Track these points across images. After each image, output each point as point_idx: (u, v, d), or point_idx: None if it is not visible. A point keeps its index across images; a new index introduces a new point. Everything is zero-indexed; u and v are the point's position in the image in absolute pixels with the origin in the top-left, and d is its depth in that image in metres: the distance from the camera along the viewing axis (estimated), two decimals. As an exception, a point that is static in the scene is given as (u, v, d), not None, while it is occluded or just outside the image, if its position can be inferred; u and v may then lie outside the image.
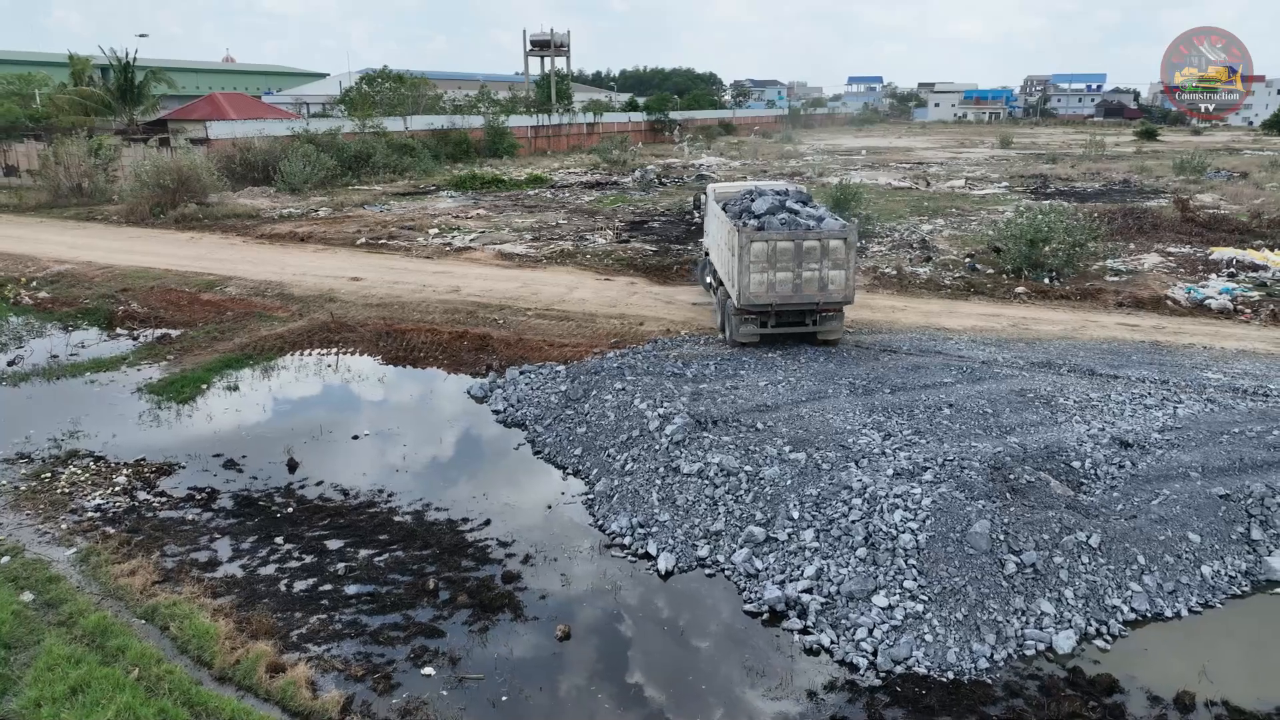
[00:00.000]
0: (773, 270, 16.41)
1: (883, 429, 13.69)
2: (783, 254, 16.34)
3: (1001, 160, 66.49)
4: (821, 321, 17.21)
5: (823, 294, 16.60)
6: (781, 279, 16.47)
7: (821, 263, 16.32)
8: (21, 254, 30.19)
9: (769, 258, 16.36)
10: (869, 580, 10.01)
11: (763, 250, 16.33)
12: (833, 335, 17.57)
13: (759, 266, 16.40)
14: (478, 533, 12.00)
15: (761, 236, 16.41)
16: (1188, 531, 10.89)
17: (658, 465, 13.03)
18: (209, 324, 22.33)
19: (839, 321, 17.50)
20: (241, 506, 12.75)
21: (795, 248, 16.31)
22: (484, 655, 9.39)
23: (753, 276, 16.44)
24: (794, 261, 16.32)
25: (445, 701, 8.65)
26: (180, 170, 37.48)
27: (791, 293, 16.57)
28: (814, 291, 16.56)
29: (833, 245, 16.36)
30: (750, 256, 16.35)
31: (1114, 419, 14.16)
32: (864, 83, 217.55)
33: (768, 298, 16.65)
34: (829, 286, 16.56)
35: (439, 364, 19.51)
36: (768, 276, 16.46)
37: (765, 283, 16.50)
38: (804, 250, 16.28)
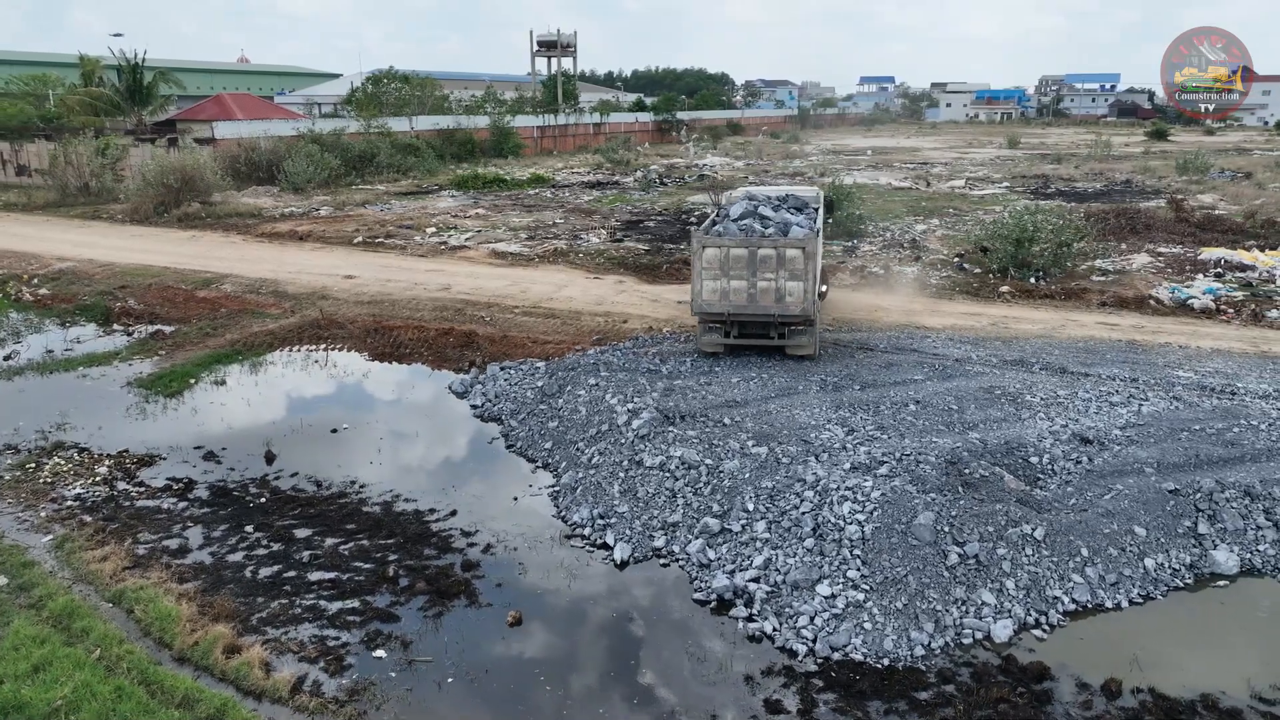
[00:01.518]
0: (726, 278, 15.75)
1: (847, 424, 13.91)
2: (736, 261, 15.64)
3: (1007, 160, 66.41)
4: (789, 335, 16.38)
5: (779, 306, 15.71)
6: (736, 287, 15.76)
7: (778, 273, 15.53)
8: (26, 252, 30.78)
9: (722, 264, 15.71)
10: (814, 570, 10.24)
11: (715, 256, 15.72)
12: (801, 351, 16.60)
13: (711, 273, 15.78)
14: (442, 523, 12.30)
15: (714, 242, 15.82)
16: (1134, 525, 11.07)
17: (622, 459, 13.29)
18: (202, 320, 22.75)
19: (809, 336, 16.47)
20: (216, 496, 13.10)
21: (750, 255, 15.55)
22: (436, 640, 9.68)
23: (705, 283, 15.83)
24: (748, 270, 15.60)
25: (393, 682, 8.95)
26: (183, 170, 38.02)
27: (746, 302, 15.78)
28: (770, 303, 15.71)
29: (790, 255, 15.47)
30: (703, 262, 15.80)
31: (1078, 416, 14.32)
32: (875, 83, 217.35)
33: (721, 306, 15.99)
34: (786, 299, 15.67)
35: (424, 360, 19.83)
36: (721, 284, 15.81)
37: (719, 290, 15.84)
38: (759, 259, 15.52)
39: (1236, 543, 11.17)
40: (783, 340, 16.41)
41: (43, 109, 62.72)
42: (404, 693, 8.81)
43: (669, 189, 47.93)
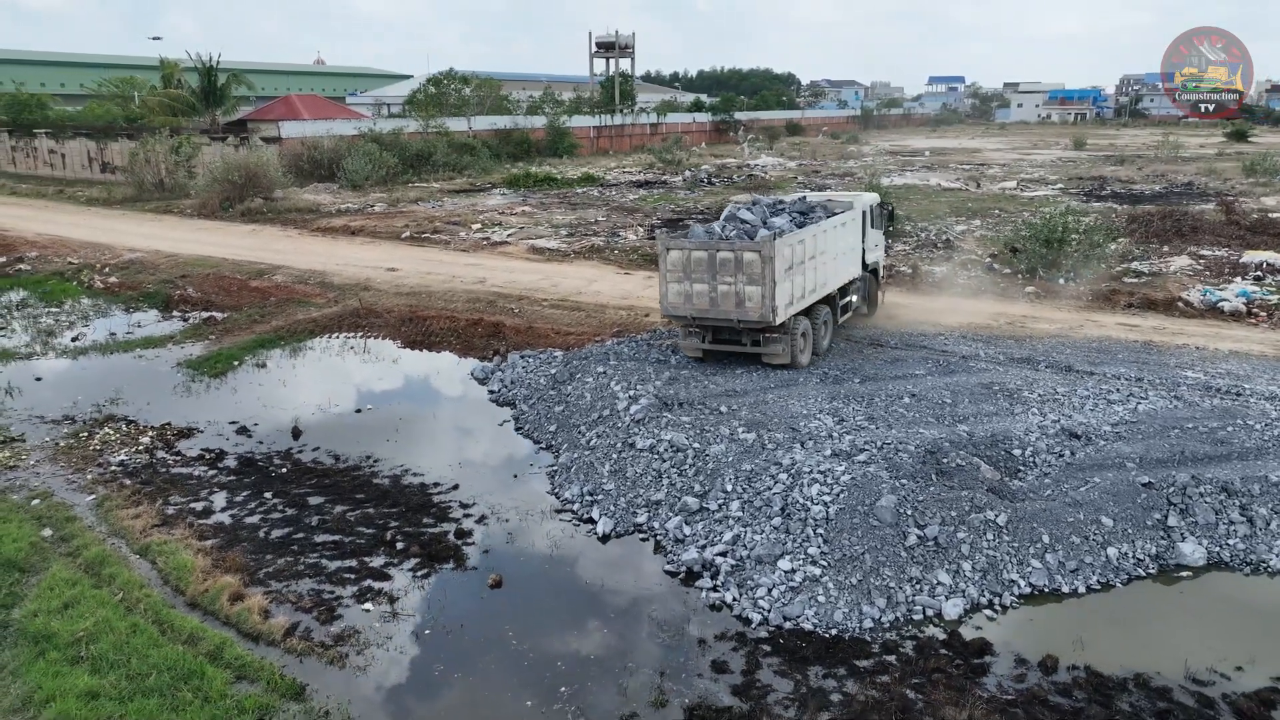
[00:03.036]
0: (689, 281, 15.72)
1: (838, 415, 14.36)
2: (698, 264, 15.55)
3: (1068, 162, 65.05)
4: (764, 344, 16.05)
5: (739, 311, 15.41)
6: (698, 290, 15.67)
7: (736, 277, 15.27)
8: (101, 243, 32.90)
9: (685, 267, 15.68)
10: (778, 546, 10.79)
11: (679, 260, 15.71)
12: (776, 360, 16.15)
13: (676, 276, 15.82)
14: (444, 495, 13.18)
15: (677, 244, 15.88)
16: (1101, 515, 11.33)
17: (616, 441, 14.00)
18: (252, 308, 24.18)
19: (783, 345, 16.00)
20: (243, 466, 14.23)
21: (709, 259, 15.40)
22: (421, 597, 10.53)
23: (670, 286, 15.93)
24: (708, 273, 15.46)
25: (376, 632, 9.82)
26: (248, 167, 40.00)
27: (709, 306, 15.66)
28: (731, 307, 15.47)
29: (747, 259, 15.12)
30: (667, 265, 15.89)
31: (1072, 412, 14.50)
32: (945, 83, 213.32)
33: (685, 309, 15.97)
34: (745, 303, 15.32)
35: (452, 348, 20.82)
36: (684, 287, 15.79)
37: (682, 293, 15.83)
38: (718, 262, 15.33)
39: (1206, 536, 11.34)
40: (757, 348, 16.16)
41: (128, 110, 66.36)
42: (384, 640, 9.67)
43: (715, 189, 48.40)
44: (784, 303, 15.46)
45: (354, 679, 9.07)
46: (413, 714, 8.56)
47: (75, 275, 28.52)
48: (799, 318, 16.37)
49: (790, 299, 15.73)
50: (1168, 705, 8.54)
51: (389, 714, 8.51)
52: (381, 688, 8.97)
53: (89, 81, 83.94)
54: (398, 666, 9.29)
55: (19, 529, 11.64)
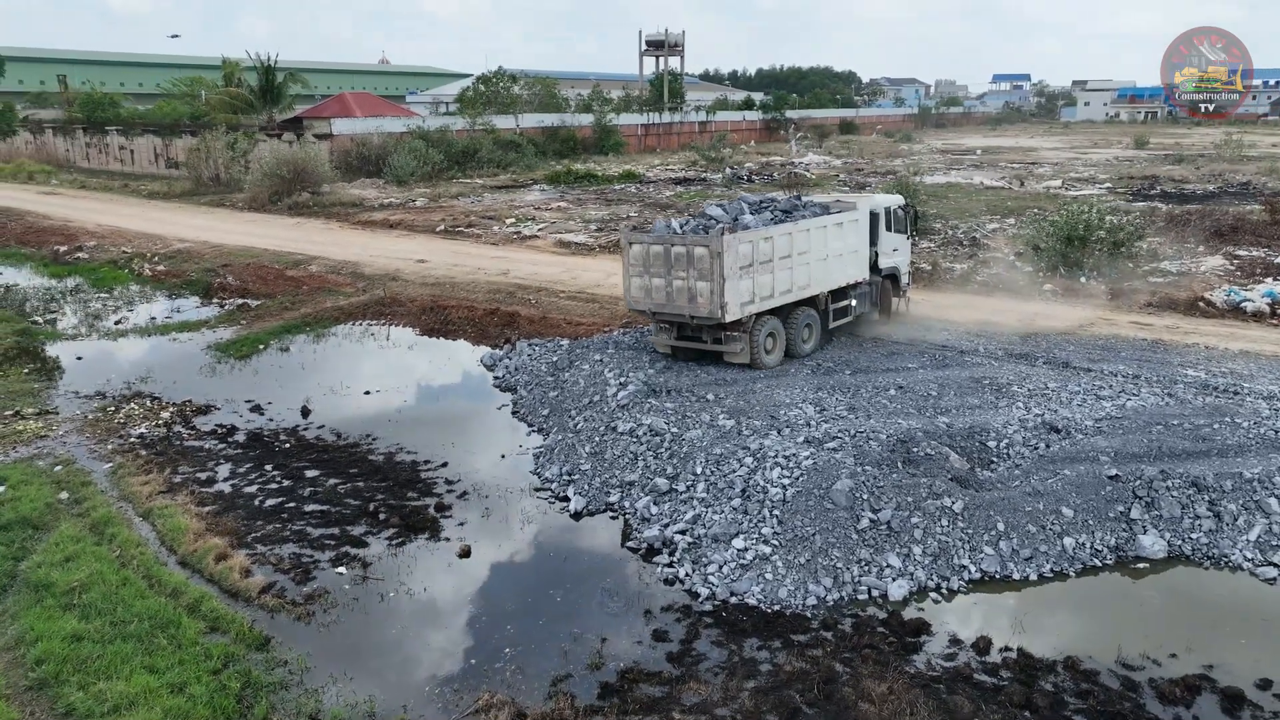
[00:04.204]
0: (648, 275, 15.87)
1: (820, 405, 14.61)
2: (656, 258, 15.69)
3: (1125, 161, 63.43)
4: (725, 341, 15.93)
5: (691, 306, 15.43)
6: (656, 285, 15.78)
7: (689, 271, 15.29)
8: (154, 233, 34.57)
9: (644, 262, 15.84)
10: (734, 525, 11.14)
11: (640, 254, 15.89)
12: (736, 359, 16.07)
13: (637, 270, 16.00)
14: (432, 472, 13.82)
15: (638, 239, 16.07)
16: (1062, 506, 11.41)
17: (600, 425, 14.47)
18: (285, 296, 25.27)
19: (741, 344, 15.88)
20: (250, 441, 15.08)
21: (665, 253, 15.52)
22: (393, 564, 11.15)
23: (633, 280, 16.13)
24: (665, 268, 15.58)
25: (345, 593, 10.47)
26: (296, 162, 41.47)
27: (665, 300, 15.77)
28: (684, 303, 15.51)
29: (697, 254, 15.11)
30: (630, 259, 16.10)
31: (1058, 407, 14.51)
32: (1009, 80, 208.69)
33: (645, 303, 16.13)
34: (697, 299, 15.30)
35: (467, 336, 21.54)
36: (644, 281, 15.95)
37: (643, 287, 15.99)
38: (673, 256, 15.41)
39: (1169, 530, 11.34)
40: (718, 346, 16.06)
41: (194, 108, 69.11)
42: (351, 601, 10.31)
43: (755, 185, 48.51)
44: (738, 300, 15.26)
45: (317, 634, 9.71)
46: (363, 667, 9.15)
47: (127, 264, 30.07)
48: (765, 317, 16.12)
49: (750, 297, 15.51)
50: (1090, 686, 8.68)
51: (342, 666, 9.11)
52: (341, 643, 9.59)
53: (162, 81, 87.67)
54: (359, 625, 9.91)
55: (38, 491, 12.60)
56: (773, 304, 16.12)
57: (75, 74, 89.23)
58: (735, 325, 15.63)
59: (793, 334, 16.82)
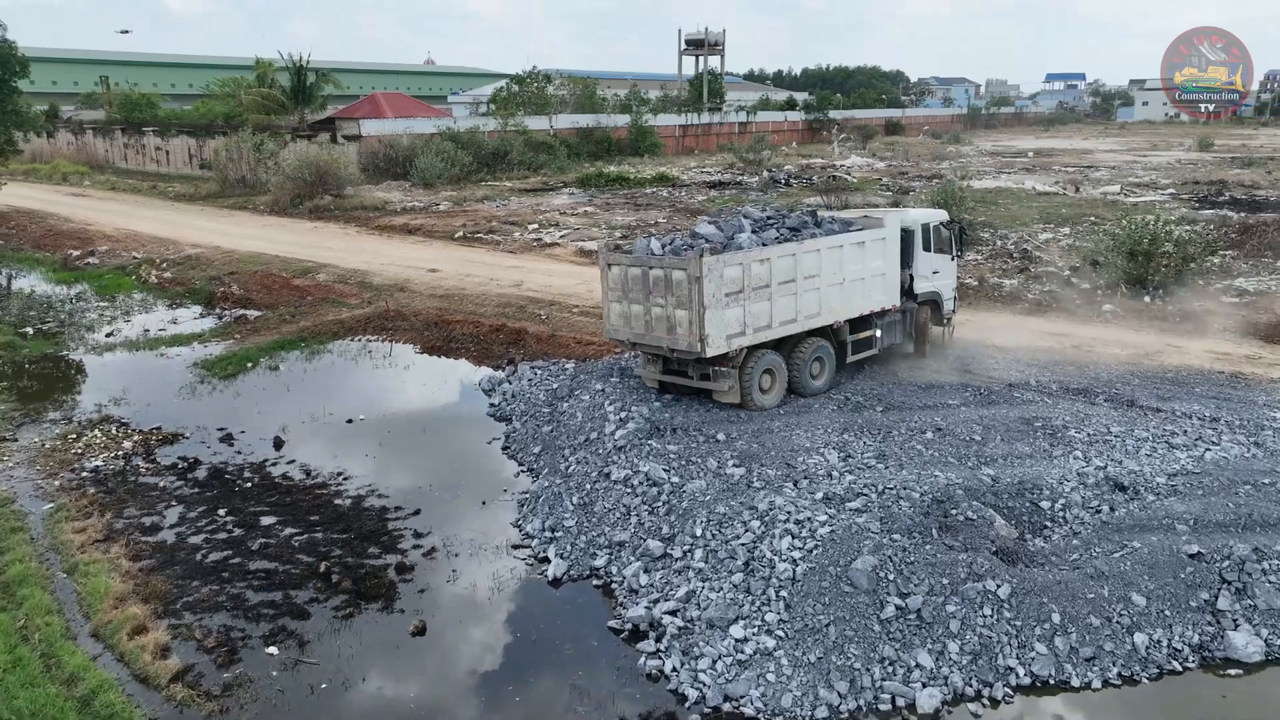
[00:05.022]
0: (627, 301, 14.15)
1: (845, 450, 12.77)
2: (634, 283, 13.93)
3: (1188, 165, 60.08)
4: (713, 378, 13.91)
5: (670, 338, 13.56)
6: (635, 312, 14.05)
7: (667, 298, 13.46)
8: (168, 237, 33.71)
9: (623, 286, 14.12)
10: (733, 608, 9.39)
11: (618, 277, 14.21)
12: (725, 398, 14.00)
13: (616, 295, 14.32)
14: (402, 521, 12.26)
15: (616, 260, 14.38)
16: (1132, 592, 9.47)
17: (593, 469, 12.80)
18: (287, 307, 24.03)
19: (731, 381, 13.77)
20: (211, 478, 13.67)
21: (643, 276, 13.76)
22: (334, 643, 9.59)
23: (612, 306, 14.47)
24: (643, 293, 13.83)
25: (270, 681, 8.93)
26: (319, 164, 40.46)
27: (644, 330, 14.00)
28: (663, 333, 13.68)
29: (675, 278, 13.24)
30: (609, 283, 14.45)
31: (1123, 458, 12.50)
32: (1063, 80, 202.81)
33: (624, 332, 14.45)
34: (676, 330, 13.41)
35: (469, 355, 20.03)
36: (623, 307, 14.22)
37: (622, 315, 14.28)
38: (651, 281, 13.63)
39: (1267, 625, 9.35)
40: (706, 383, 14.11)
41: (231, 108, 68.91)
42: (275, 694, 8.77)
43: (792, 190, 46.47)
44: (722, 331, 13.28)
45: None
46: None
47: (135, 270, 29.14)
48: (761, 351, 14.06)
49: (740, 328, 13.53)
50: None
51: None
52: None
53: (206, 82, 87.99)
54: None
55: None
56: (770, 336, 14.08)
57: (119, 75, 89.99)
58: (722, 360, 13.68)
59: (797, 369, 14.66)
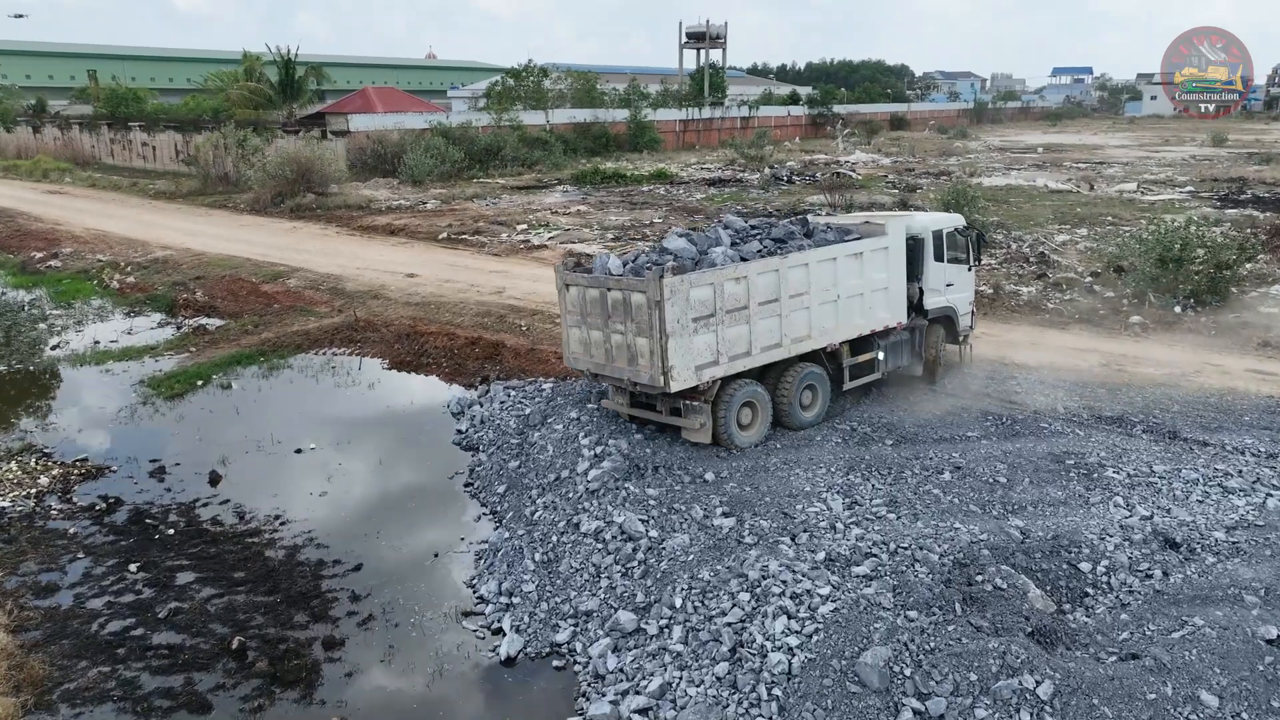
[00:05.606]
0: (585, 326, 12.56)
1: (851, 494, 11.14)
2: (592, 305, 12.30)
3: (1203, 161, 58.20)
4: (685, 413, 12.18)
5: (631, 369, 11.92)
6: (595, 339, 12.44)
7: (626, 324, 11.82)
8: (138, 239, 32.07)
9: (582, 308, 12.52)
10: (715, 710, 7.75)
11: (577, 299, 12.57)
12: (695, 437, 12.28)
13: (575, 319, 12.70)
14: (339, 580, 10.64)
15: (574, 279, 12.65)
16: (1201, 689, 7.82)
17: (561, 518, 11.17)
18: (252, 315, 22.41)
19: (704, 418, 12.02)
20: (130, 523, 12.05)
21: (601, 298, 12.14)
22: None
23: (571, 331, 12.86)
24: (602, 318, 12.22)
25: (148, 804, 7.31)
26: (301, 161, 38.79)
27: (604, 360, 12.40)
28: (624, 364, 12.03)
29: (635, 302, 11.58)
30: (567, 304, 12.78)
31: (1171, 505, 10.85)
32: (1070, 74, 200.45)
33: (585, 361, 12.82)
34: (637, 360, 11.79)
35: (440, 371, 18.40)
36: (581, 333, 12.65)
37: (582, 341, 12.69)
38: (610, 303, 12.03)
39: (1364, 730, 7.69)
40: (674, 419, 12.37)
41: (219, 103, 67.25)
42: (150, 822, 7.16)
43: (794, 187, 44.75)
44: (689, 362, 11.59)
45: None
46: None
47: (98, 274, 27.52)
48: (739, 382, 12.34)
49: (712, 357, 11.85)
50: None
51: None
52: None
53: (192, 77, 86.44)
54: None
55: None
56: (750, 364, 12.36)
57: (109, 69, 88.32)
58: (692, 393, 11.95)
59: (784, 400, 12.90)
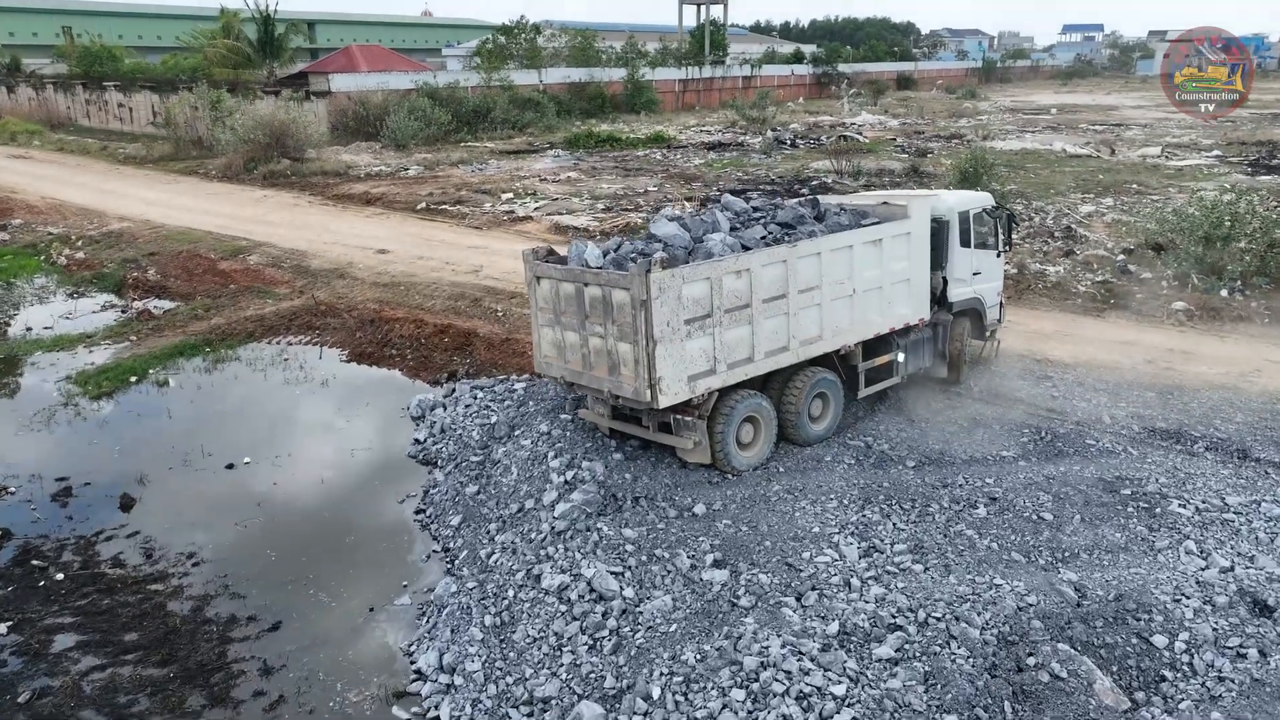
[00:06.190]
0: (559, 326, 10.67)
1: (868, 536, 9.29)
2: (567, 302, 10.43)
3: (1225, 123, 55.68)
4: (676, 429, 10.37)
5: (612, 379, 10.05)
6: (571, 341, 10.54)
7: (606, 326, 9.94)
8: (95, 209, 29.95)
9: (554, 305, 10.62)
10: None
11: (549, 293, 10.66)
12: (691, 457, 10.55)
13: (547, 317, 10.79)
14: (251, 644, 8.83)
15: (546, 271, 10.67)
16: (1328, 833, 6.03)
17: (521, 566, 9.32)
18: (206, 297, 20.50)
19: (698, 434, 10.22)
20: (13, 564, 10.22)
21: (577, 294, 10.24)
22: None
23: (543, 330, 10.93)
24: (578, 317, 10.31)
25: None
26: (275, 125, 36.51)
27: (581, 367, 10.50)
28: (604, 372, 10.16)
29: (617, 300, 9.71)
30: (538, 300, 10.87)
31: (1254, 551, 9.01)
32: (1080, 31, 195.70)
33: (558, 367, 10.91)
34: (619, 369, 9.93)
35: (404, 365, 16.51)
36: (554, 334, 10.76)
37: (555, 343, 10.80)
38: (588, 301, 10.13)
39: None
40: (667, 435, 10.54)
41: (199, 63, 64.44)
42: None
43: (798, 152, 42.40)
44: (683, 372, 9.78)
45: None
46: None
47: (47, 248, 25.50)
48: (739, 393, 10.54)
49: (707, 364, 10.01)
50: None
51: None
52: None
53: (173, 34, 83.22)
54: None
55: None
56: (753, 371, 10.56)
57: (84, 25, 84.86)
58: (685, 407, 10.13)
59: (791, 412, 11.08)
